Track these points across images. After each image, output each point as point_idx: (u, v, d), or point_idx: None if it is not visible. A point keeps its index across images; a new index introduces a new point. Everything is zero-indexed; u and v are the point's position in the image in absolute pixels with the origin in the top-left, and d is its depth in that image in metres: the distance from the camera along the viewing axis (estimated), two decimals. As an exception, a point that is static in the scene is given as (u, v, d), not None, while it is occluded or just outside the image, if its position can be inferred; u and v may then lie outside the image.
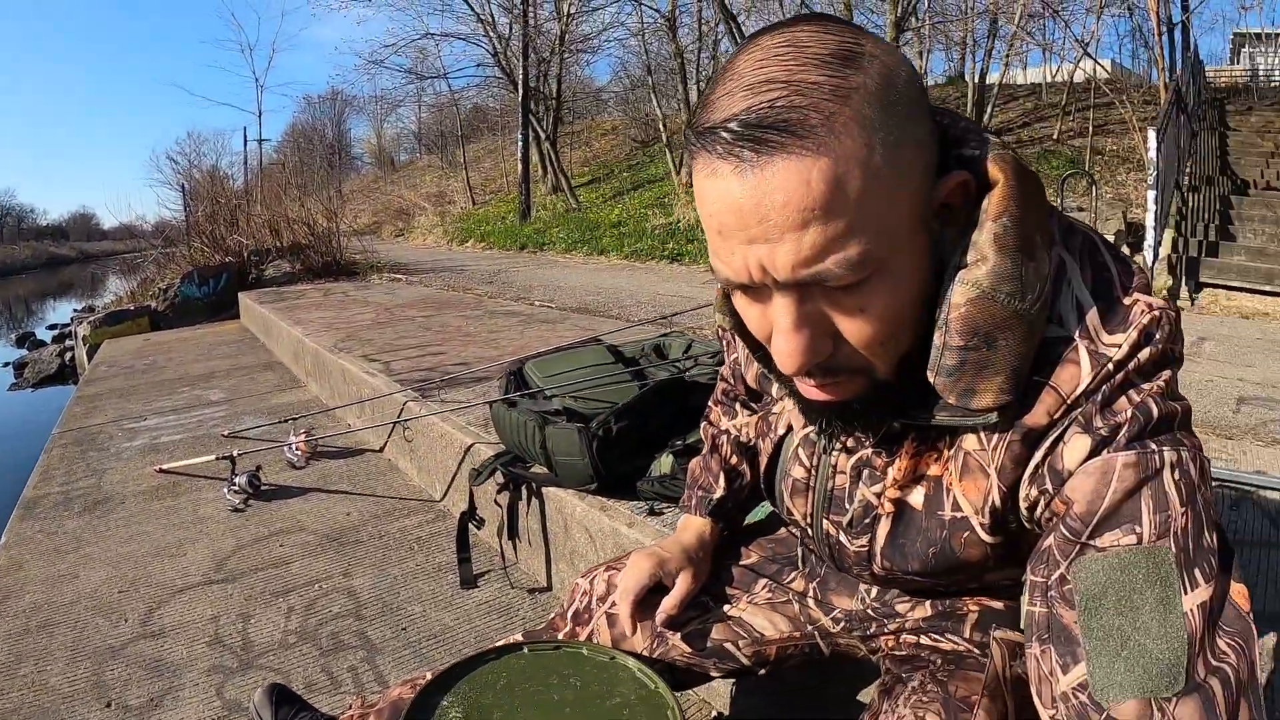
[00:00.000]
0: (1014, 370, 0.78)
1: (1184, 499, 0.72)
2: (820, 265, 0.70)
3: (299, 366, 5.87)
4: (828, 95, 0.68)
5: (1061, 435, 0.78)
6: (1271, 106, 14.78)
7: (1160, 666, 0.68)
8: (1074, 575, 0.74)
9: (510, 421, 2.54)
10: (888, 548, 0.99)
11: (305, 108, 49.46)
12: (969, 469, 0.87)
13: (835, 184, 0.68)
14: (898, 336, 0.79)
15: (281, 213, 12.50)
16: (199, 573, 2.69)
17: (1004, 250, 0.76)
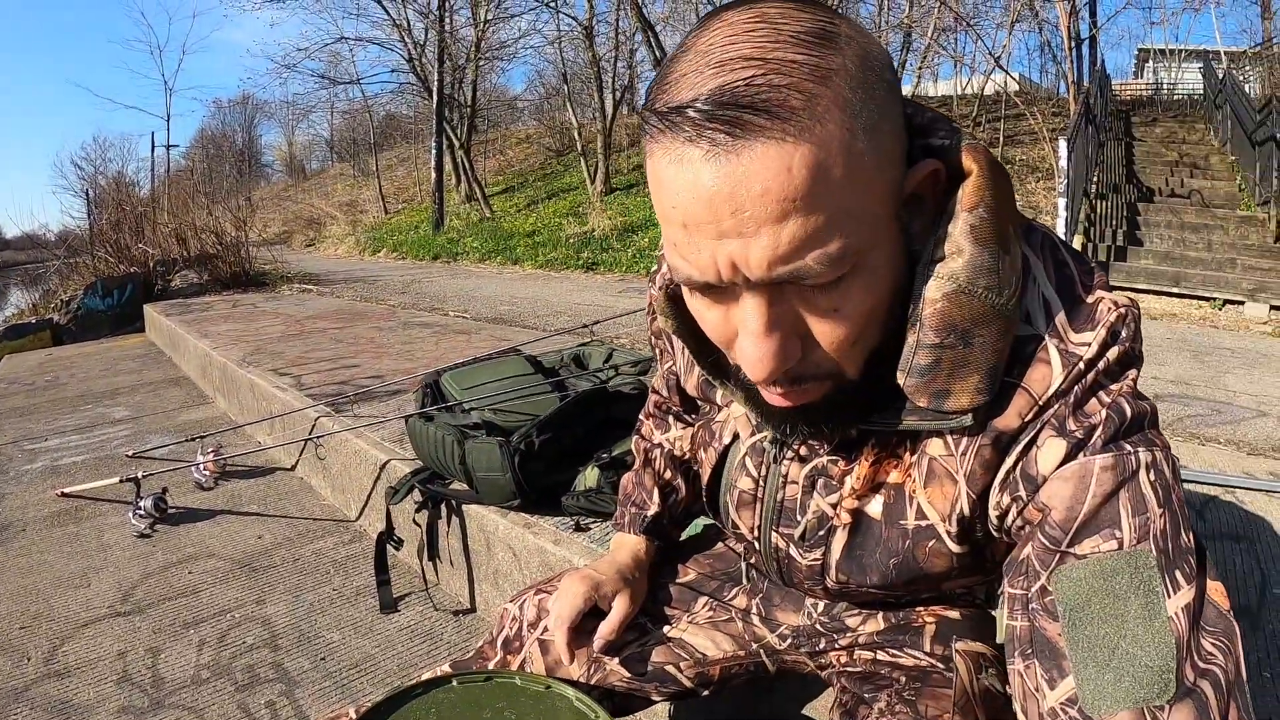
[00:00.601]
0: (991, 369, 0.74)
1: (1160, 500, 0.70)
2: (799, 262, 0.65)
3: (207, 382, 5.74)
4: (808, 75, 0.63)
5: (1034, 439, 0.75)
6: (1175, 118, 15.42)
7: (1150, 674, 0.65)
8: (1055, 585, 0.71)
9: (427, 436, 2.51)
10: (844, 561, 0.95)
11: (215, 112, 48.61)
12: (935, 475, 0.84)
13: (818, 172, 0.62)
14: (869, 336, 0.75)
15: (189, 221, 12.23)
16: (104, 604, 2.60)
17: (980, 242, 0.73)
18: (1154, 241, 9.32)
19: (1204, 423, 3.44)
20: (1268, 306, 7.78)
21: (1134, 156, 12.34)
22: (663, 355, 1.25)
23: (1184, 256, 8.79)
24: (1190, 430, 3.29)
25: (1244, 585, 1.90)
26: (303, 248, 22.09)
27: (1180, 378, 4.51)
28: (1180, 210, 9.99)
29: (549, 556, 2.09)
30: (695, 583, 1.28)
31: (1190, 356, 5.36)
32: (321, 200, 27.29)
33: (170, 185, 22.46)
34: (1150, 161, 12.13)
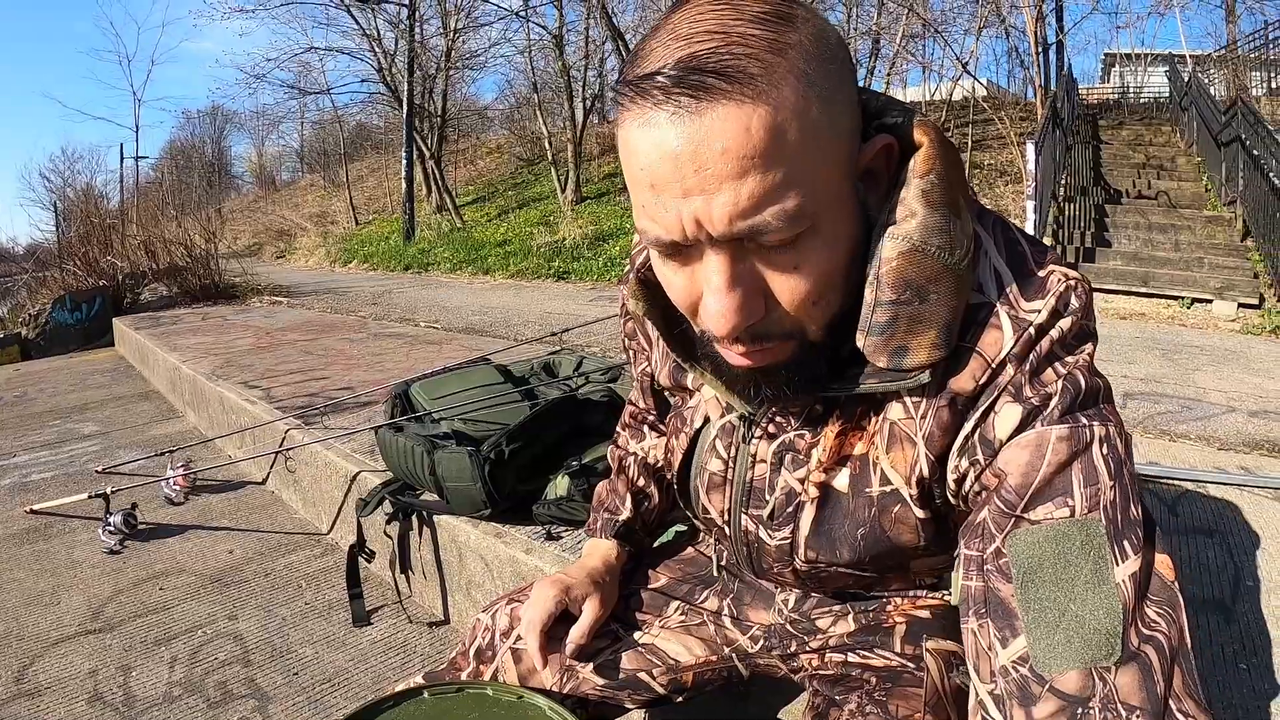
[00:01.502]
0: (946, 325, 0.78)
1: (1112, 473, 0.74)
2: (757, 217, 0.69)
3: (176, 395, 5.68)
4: (766, 48, 0.68)
5: (992, 405, 0.79)
6: (1141, 121, 15.61)
7: (1098, 637, 0.69)
8: (1010, 548, 0.74)
9: (397, 447, 2.49)
10: (812, 537, 0.96)
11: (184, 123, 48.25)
12: (895, 438, 0.86)
13: (775, 133, 0.67)
14: (829, 297, 0.78)
15: (158, 234, 12.11)
16: (75, 622, 2.57)
17: (932, 205, 0.77)
18: (1122, 242, 9.42)
19: (1175, 419, 3.46)
20: (1235, 304, 7.86)
21: (1101, 159, 12.47)
22: (637, 356, 1.28)
23: (1152, 256, 8.88)
24: (1161, 427, 3.31)
25: (1217, 579, 1.91)
26: (273, 259, 21.96)
27: (1150, 376, 4.55)
28: (1147, 211, 10.10)
29: (521, 566, 2.08)
30: (667, 588, 1.29)
31: (1160, 355, 5.41)
32: (292, 211, 27.18)
33: (139, 197, 22.28)
34: (1117, 164, 12.26)
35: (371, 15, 20.04)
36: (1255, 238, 8.59)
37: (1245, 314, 7.79)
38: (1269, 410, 3.70)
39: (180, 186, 38.23)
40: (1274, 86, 15.17)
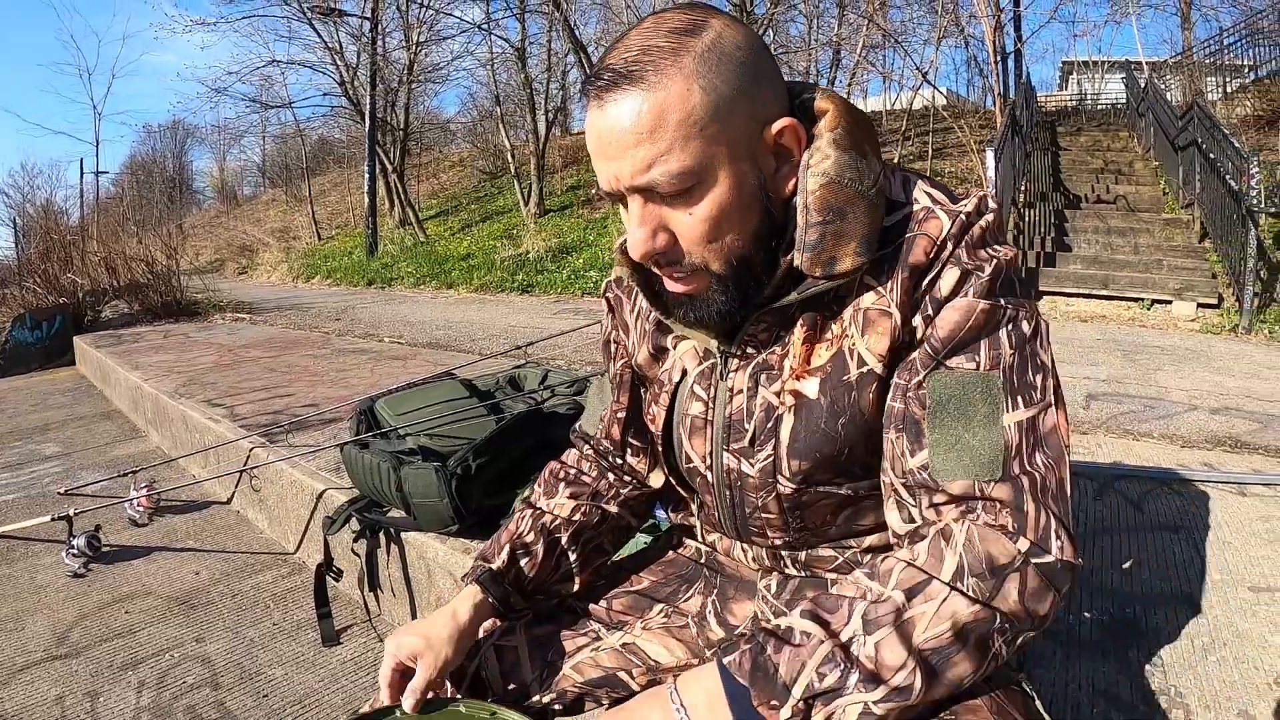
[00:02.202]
0: (864, 236, 0.97)
1: (1013, 345, 0.95)
2: (648, 175, 0.92)
3: (139, 415, 5.62)
4: (664, 54, 0.91)
5: (939, 274, 0.97)
6: (1099, 127, 15.83)
7: (983, 461, 0.92)
8: (928, 383, 0.96)
9: (363, 464, 2.47)
10: (793, 445, 1.06)
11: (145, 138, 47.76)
12: (871, 320, 1.01)
13: (659, 115, 0.90)
14: (725, 239, 0.98)
15: (119, 250, 11.96)
16: (40, 648, 2.52)
17: (843, 149, 0.98)
18: (1082, 246, 9.52)
19: (1138, 419, 3.50)
20: (1194, 304, 7.97)
21: (1060, 165, 12.61)
22: (617, 351, 1.35)
23: (1112, 260, 8.98)
24: (1125, 427, 3.35)
25: (1185, 574, 1.92)
26: (235, 275, 21.78)
27: (1113, 377, 4.60)
28: (1107, 215, 10.23)
29: (490, 580, 2.05)
30: (649, 590, 1.32)
31: (1121, 356, 5.47)
32: (254, 227, 26.95)
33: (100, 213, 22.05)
34: (1076, 169, 12.40)
35: (334, 28, 19.94)
36: (1213, 239, 8.71)
37: (1204, 314, 7.90)
38: (1230, 407, 3.75)
39: (141, 202, 37.84)
40: (1229, 91, 15.40)
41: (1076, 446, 3.05)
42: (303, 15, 19.40)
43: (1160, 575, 1.93)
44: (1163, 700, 1.45)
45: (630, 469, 1.37)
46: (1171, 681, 1.51)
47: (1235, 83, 15.71)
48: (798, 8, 16.51)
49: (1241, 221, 7.36)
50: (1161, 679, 1.52)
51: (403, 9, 19.98)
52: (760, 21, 14.25)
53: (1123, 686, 1.50)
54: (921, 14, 16.27)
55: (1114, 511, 2.37)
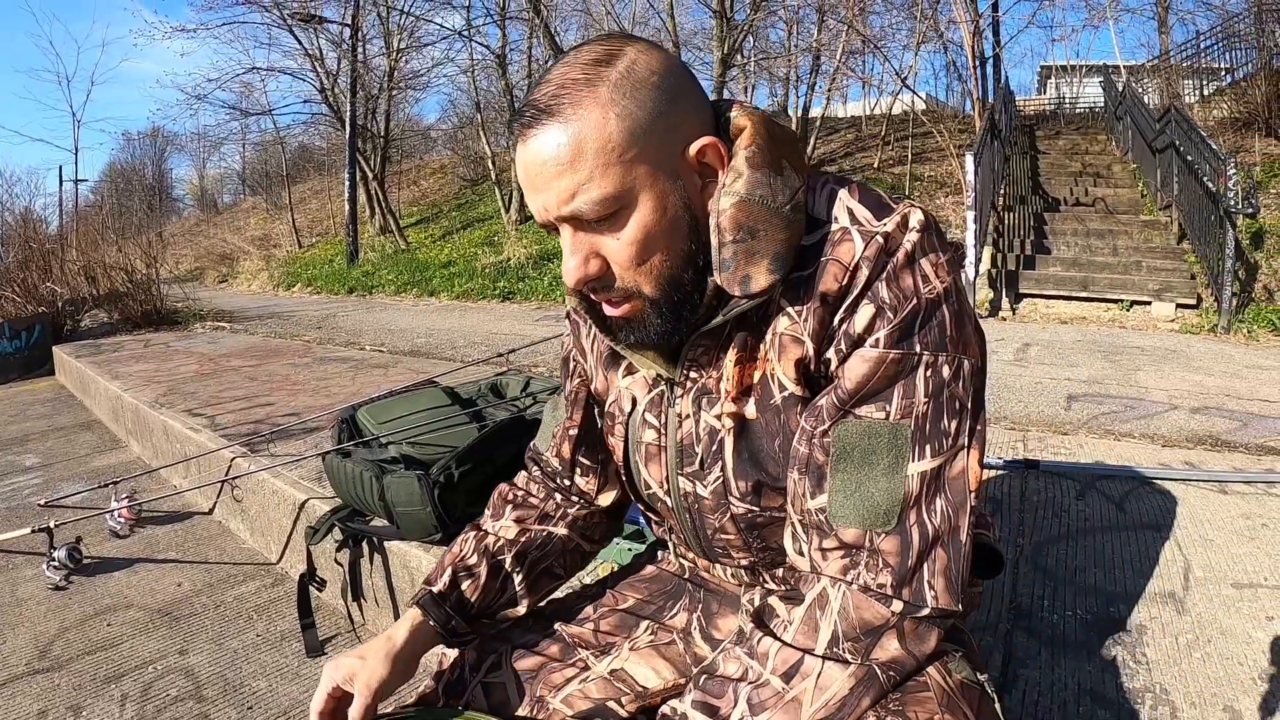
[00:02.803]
0: (776, 254, 0.97)
1: (929, 393, 0.95)
2: (573, 204, 0.94)
3: (119, 425, 5.58)
4: (580, 86, 0.94)
5: (855, 304, 0.96)
6: (1078, 130, 15.92)
7: (879, 510, 0.93)
8: (833, 432, 0.96)
9: (345, 473, 2.46)
10: (739, 465, 1.08)
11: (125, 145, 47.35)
12: (785, 347, 1.02)
13: (576, 145, 0.93)
14: (653, 261, 0.99)
15: (98, 259, 11.85)
16: (21, 662, 2.50)
17: (755, 167, 0.98)
18: (1061, 249, 9.56)
19: (1119, 419, 3.52)
20: (1173, 305, 8.02)
21: (1039, 169, 12.67)
22: (575, 368, 1.35)
23: (1091, 262, 9.03)
24: (1106, 427, 3.36)
25: (1168, 572, 1.93)
26: (216, 284, 21.64)
27: (1093, 377, 4.62)
28: (1085, 218, 10.28)
29: (476, 588, 2.04)
30: (635, 608, 1.32)
31: (1101, 357, 5.50)
32: (234, 235, 26.76)
33: (79, 221, 21.80)
34: (1055, 173, 12.46)
35: (314, 35, 19.85)
36: (1191, 240, 8.77)
37: (1183, 314, 7.94)
38: (1209, 406, 3.77)
39: (120, 210, 37.52)
40: (1206, 94, 15.51)
41: (1057, 447, 3.07)
42: (283, 22, 19.32)
43: (1143, 574, 1.94)
44: (1148, 698, 1.46)
45: (578, 489, 1.35)
46: (1157, 679, 1.51)
47: (1212, 86, 15.82)
48: (777, 14, 16.55)
49: (1219, 222, 7.40)
50: (1147, 677, 1.52)
51: (383, 16, 19.91)
52: (740, 27, 14.27)
53: (1108, 685, 1.51)
54: (901, 19, 16.31)
55: (1096, 511, 2.38)
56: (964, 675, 0.98)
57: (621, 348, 1.12)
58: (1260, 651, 1.58)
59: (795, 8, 16.11)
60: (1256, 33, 14.07)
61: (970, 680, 0.99)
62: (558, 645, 1.29)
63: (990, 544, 1.18)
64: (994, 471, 2.74)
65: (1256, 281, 7.94)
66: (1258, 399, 3.97)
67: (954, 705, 0.95)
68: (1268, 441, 3.09)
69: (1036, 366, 5.09)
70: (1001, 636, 1.70)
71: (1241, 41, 15.05)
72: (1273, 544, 2.10)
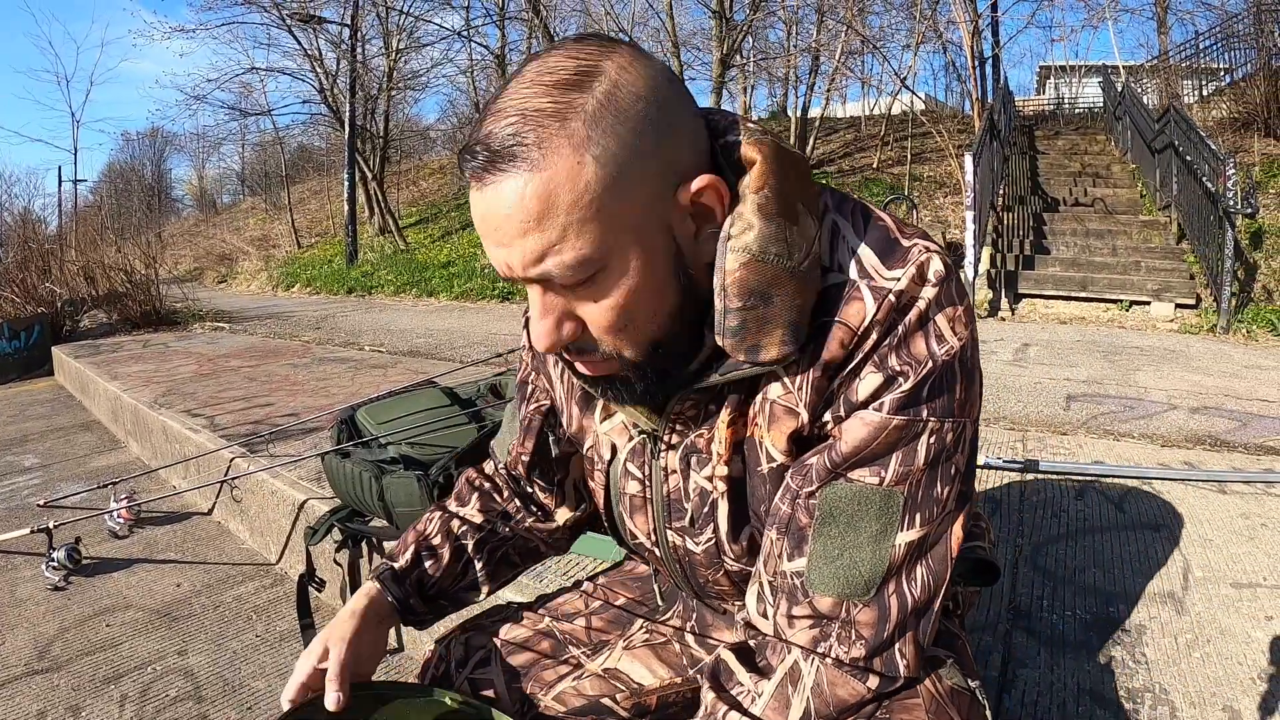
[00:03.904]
0: (791, 322, 0.85)
1: (928, 460, 0.87)
2: (542, 267, 0.81)
3: (118, 425, 5.57)
4: (547, 119, 0.78)
5: (858, 369, 0.87)
6: (1077, 130, 15.94)
7: (859, 580, 0.87)
8: (821, 494, 0.88)
9: (344, 473, 2.46)
10: (734, 529, 1.02)
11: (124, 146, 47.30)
12: (776, 416, 0.93)
13: (546, 200, 0.77)
14: (635, 324, 0.86)
15: (98, 259, 11.83)
16: (20, 662, 2.49)
17: (768, 216, 0.84)
18: (1060, 249, 9.57)
19: (1118, 419, 3.52)
20: (1172, 305, 8.02)
21: (1038, 169, 12.68)
22: (534, 392, 1.27)
23: (1090, 262, 9.03)
24: (1105, 427, 3.36)
25: (1167, 572, 1.93)
26: (215, 284, 21.64)
27: (1092, 378, 4.62)
28: (1084, 218, 10.29)
29: (474, 589, 2.04)
30: (628, 606, 1.30)
31: (1101, 357, 5.50)
32: (233, 235, 26.75)
33: (78, 221, 21.82)
34: (1054, 173, 12.48)
35: (313, 35, 19.85)
36: (1190, 240, 8.77)
37: (1183, 314, 7.95)
38: (1208, 406, 3.77)
39: (120, 210, 37.55)
40: (1205, 94, 15.53)
41: (1056, 447, 3.07)
42: (282, 22, 19.32)
43: (1143, 574, 1.94)
44: (1148, 698, 1.46)
45: (537, 501, 1.31)
46: (1156, 679, 1.51)
47: (1211, 86, 15.85)
48: (777, 14, 16.56)
49: (1218, 223, 7.41)
50: (1146, 677, 1.52)
51: (382, 16, 19.93)
52: (740, 28, 14.28)
53: (1107, 685, 1.51)
54: (900, 20, 16.35)
55: (1095, 511, 2.38)
56: (954, 681, 0.97)
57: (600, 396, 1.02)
58: (1260, 651, 1.58)
59: (794, 8, 16.13)
60: (1255, 33, 14.06)
61: (961, 687, 0.96)
62: (549, 641, 1.27)
63: (987, 558, 1.15)
64: (994, 471, 2.74)
65: (1255, 281, 7.95)
66: (1257, 399, 3.97)
67: (943, 712, 0.93)
68: (1267, 441, 3.09)
69: (1036, 367, 5.09)
70: (1001, 637, 1.70)
71: (1240, 42, 15.06)
72: (1272, 544, 2.10)
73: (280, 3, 18.71)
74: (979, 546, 1.16)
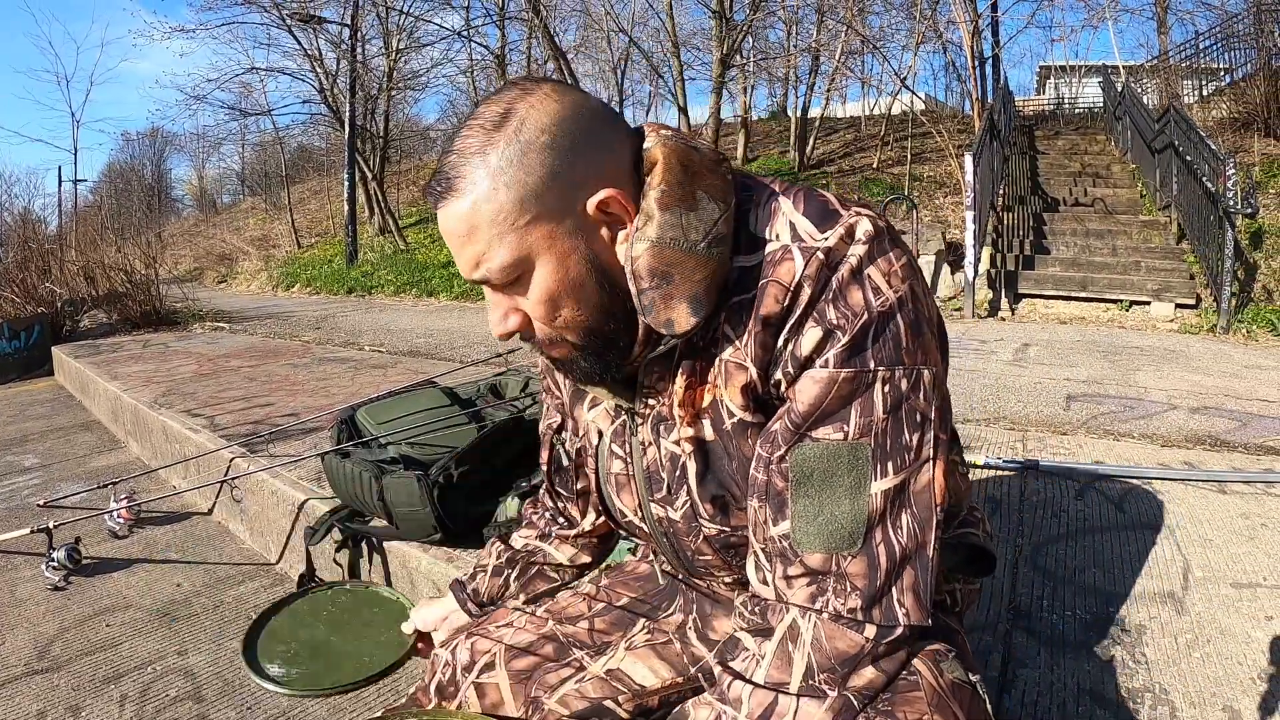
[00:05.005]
0: (693, 296, 0.96)
1: (887, 408, 0.92)
2: (479, 271, 0.97)
3: (118, 425, 5.57)
4: (473, 155, 0.95)
5: (800, 325, 0.94)
6: (1077, 130, 15.96)
7: (844, 533, 0.91)
8: (791, 456, 0.94)
9: (344, 473, 2.45)
10: (703, 489, 1.08)
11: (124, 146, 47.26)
12: (730, 373, 1.01)
13: (471, 219, 0.95)
14: (566, 314, 1.00)
15: (98, 259, 11.80)
16: (20, 662, 2.48)
17: (665, 208, 0.96)
18: (1060, 249, 9.57)
19: (1118, 419, 3.52)
20: (1172, 305, 8.03)
21: (1038, 169, 12.69)
22: (548, 409, 1.40)
23: (1090, 262, 9.04)
24: (1105, 427, 3.36)
25: (1167, 572, 1.93)
26: (215, 284, 21.64)
27: (1092, 378, 4.62)
28: (1084, 218, 10.29)
29: (475, 589, 2.04)
30: (630, 606, 1.33)
31: (1101, 357, 5.50)
32: (233, 235, 26.74)
33: (78, 222, 21.81)
34: (1054, 173, 12.48)
35: (313, 35, 19.84)
36: (1190, 240, 8.77)
37: (1183, 314, 7.95)
38: (1208, 406, 3.77)
39: (120, 210, 37.53)
40: (1205, 94, 15.53)
41: (1056, 448, 3.07)
42: (282, 22, 19.31)
43: (1143, 574, 1.94)
44: (1147, 698, 1.46)
45: (566, 514, 1.46)
46: (1156, 679, 1.51)
47: (1211, 86, 15.84)
48: (777, 14, 16.57)
49: (1218, 223, 7.41)
50: (1146, 677, 1.52)
51: (382, 16, 19.92)
52: (740, 28, 14.28)
53: (1107, 685, 1.51)
54: (900, 20, 16.37)
55: (1095, 511, 2.38)
56: (955, 675, 0.98)
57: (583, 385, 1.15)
58: (1259, 651, 1.58)
59: (794, 8, 16.15)
60: (1255, 33, 14.06)
61: (962, 680, 0.98)
62: (552, 645, 1.30)
63: (980, 544, 1.17)
64: (994, 471, 2.74)
65: (1255, 281, 7.95)
66: (1256, 399, 3.97)
67: (944, 705, 0.94)
68: (1267, 441, 3.09)
69: (1035, 367, 5.09)
70: (1001, 636, 1.70)
71: (1240, 42, 15.05)
72: (1272, 544, 2.10)
73: (280, 3, 18.70)
74: (972, 534, 1.18)
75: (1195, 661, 1.56)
